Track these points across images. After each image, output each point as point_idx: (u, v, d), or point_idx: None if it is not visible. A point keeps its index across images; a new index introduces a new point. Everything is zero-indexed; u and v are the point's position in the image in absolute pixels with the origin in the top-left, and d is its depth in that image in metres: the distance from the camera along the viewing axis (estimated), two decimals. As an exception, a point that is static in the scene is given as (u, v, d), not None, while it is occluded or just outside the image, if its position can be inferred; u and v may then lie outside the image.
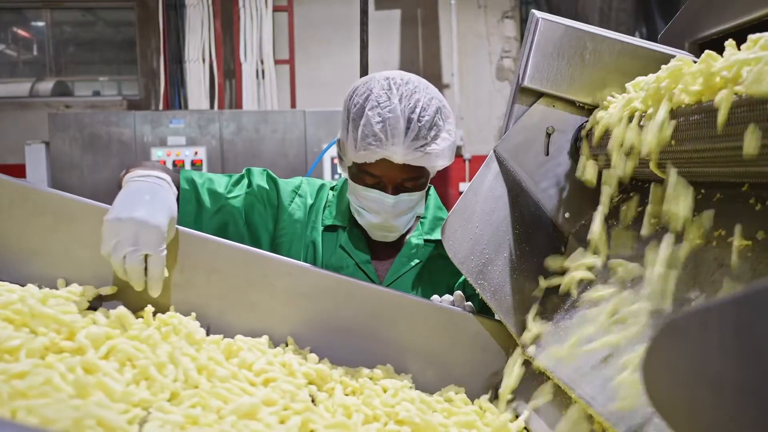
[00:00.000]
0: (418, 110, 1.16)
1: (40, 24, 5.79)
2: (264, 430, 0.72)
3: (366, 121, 1.15)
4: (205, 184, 1.26)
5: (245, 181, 1.30)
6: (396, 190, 1.20)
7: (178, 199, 1.12)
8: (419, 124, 1.15)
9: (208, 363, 0.85)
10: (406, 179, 1.20)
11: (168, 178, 1.07)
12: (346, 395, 0.92)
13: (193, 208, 1.24)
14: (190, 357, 0.84)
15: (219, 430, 0.70)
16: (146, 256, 0.94)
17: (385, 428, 0.84)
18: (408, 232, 1.35)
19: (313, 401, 0.87)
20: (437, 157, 1.18)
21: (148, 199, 0.98)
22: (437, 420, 0.87)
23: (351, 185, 1.25)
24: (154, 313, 0.96)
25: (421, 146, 1.16)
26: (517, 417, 0.93)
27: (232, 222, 1.27)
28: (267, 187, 1.31)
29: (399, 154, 1.15)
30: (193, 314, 1.00)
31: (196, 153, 4.53)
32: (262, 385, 0.85)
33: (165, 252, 0.96)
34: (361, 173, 1.21)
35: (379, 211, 1.21)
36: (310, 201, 1.34)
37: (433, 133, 1.17)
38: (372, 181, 1.20)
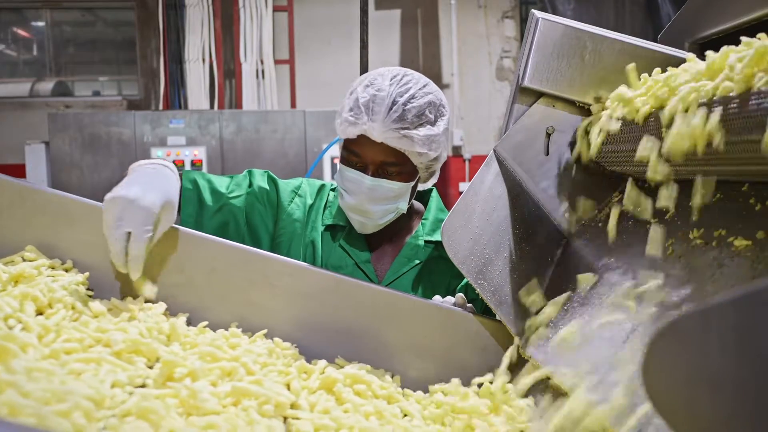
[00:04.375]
0: (406, 96, 1.17)
1: (40, 24, 5.79)
2: None
3: (355, 96, 1.20)
4: (207, 184, 1.27)
5: (246, 182, 1.31)
6: (377, 174, 1.21)
7: (180, 195, 1.13)
8: (404, 107, 1.16)
9: None
10: (386, 163, 1.20)
11: (174, 168, 1.09)
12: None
13: (195, 209, 1.24)
14: None
15: None
16: (129, 234, 0.93)
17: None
18: (408, 232, 1.35)
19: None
20: (417, 144, 1.18)
21: (144, 181, 0.99)
22: (223, 355, 0.85)
23: (339, 167, 1.26)
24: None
25: (402, 128, 1.16)
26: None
27: (232, 221, 1.27)
28: (267, 187, 1.31)
29: (377, 130, 1.16)
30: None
31: (196, 153, 4.54)
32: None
33: (149, 233, 0.94)
34: (346, 152, 1.23)
35: (356, 192, 1.21)
36: (309, 201, 1.35)
37: (418, 120, 1.18)
38: (355, 161, 1.22)
